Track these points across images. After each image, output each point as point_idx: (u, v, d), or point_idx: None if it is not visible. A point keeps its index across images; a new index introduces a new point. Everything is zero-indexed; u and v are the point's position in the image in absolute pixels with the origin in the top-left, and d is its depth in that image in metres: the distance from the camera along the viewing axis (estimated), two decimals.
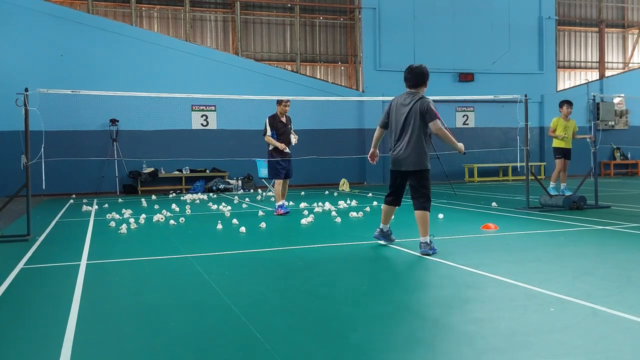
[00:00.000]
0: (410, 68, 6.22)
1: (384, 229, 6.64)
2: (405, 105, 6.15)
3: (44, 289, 4.93)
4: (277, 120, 10.25)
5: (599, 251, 6.16)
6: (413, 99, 6.12)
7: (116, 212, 10.32)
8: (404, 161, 6.13)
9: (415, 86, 6.18)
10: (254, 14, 19.66)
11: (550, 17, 21.52)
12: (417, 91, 6.19)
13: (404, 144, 6.11)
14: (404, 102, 6.18)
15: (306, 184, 17.98)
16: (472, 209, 10.55)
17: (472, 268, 5.28)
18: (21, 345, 3.45)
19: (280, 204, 10.11)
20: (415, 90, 6.19)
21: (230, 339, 3.46)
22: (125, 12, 18.25)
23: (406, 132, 6.10)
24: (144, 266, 5.81)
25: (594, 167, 10.63)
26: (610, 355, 3.06)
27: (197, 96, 11.97)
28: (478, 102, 20.33)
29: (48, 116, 10.40)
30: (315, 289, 4.71)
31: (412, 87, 6.19)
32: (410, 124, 6.07)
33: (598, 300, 4.08)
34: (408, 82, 6.20)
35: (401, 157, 6.14)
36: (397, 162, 6.20)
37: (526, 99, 10.52)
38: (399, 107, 6.21)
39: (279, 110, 10.30)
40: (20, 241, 7.48)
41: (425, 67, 6.22)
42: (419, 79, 6.16)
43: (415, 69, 6.18)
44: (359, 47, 19.94)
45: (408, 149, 6.09)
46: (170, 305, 4.26)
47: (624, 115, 22.55)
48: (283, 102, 10.29)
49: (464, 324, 3.66)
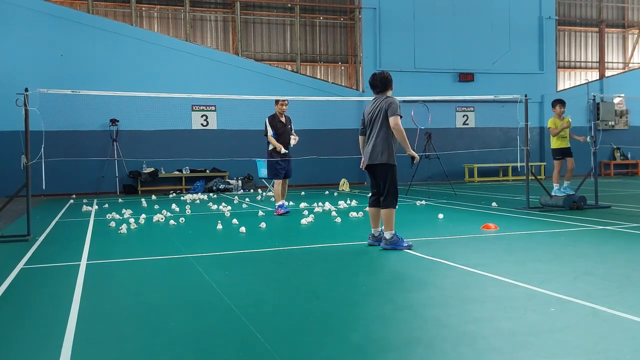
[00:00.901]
0: (374, 76, 6.64)
1: (375, 233, 6.67)
2: (373, 107, 6.55)
3: (44, 289, 4.93)
4: (276, 120, 10.26)
5: (599, 251, 6.15)
6: (380, 100, 6.53)
7: (116, 212, 10.32)
8: (370, 155, 6.46)
9: (383, 90, 6.60)
10: (254, 14, 19.66)
11: (551, 17, 21.52)
12: (384, 94, 6.59)
13: (372, 140, 6.47)
14: (373, 104, 6.58)
15: (306, 184, 17.98)
16: (472, 209, 10.55)
17: (472, 268, 5.28)
18: (21, 345, 3.45)
19: (280, 204, 10.11)
20: (382, 94, 6.59)
21: (230, 339, 3.46)
22: (125, 12, 18.25)
23: (374, 129, 6.47)
24: (144, 266, 5.81)
25: (594, 167, 10.62)
26: (610, 355, 3.06)
27: (197, 96, 11.97)
28: (478, 102, 20.32)
29: (48, 116, 10.40)
30: (315, 289, 4.71)
31: (380, 92, 6.60)
32: (377, 121, 6.44)
33: (598, 300, 4.08)
34: (376, 88, 6.61)
35: (368, 152, 6.49)
36: (366, 157, 6.55)
37: (526, 99, 10.52)
38: (369, 111, 6.60)
39: (277, 110, 10.33)
40: (20, 241, 7.48)
41: (387, 72, 6.68)
42: (385, 84, 6.58)
43: (379, 75, 6.62)
44: (359, 47, 19.94)
45: (373, 144, 6.43)
46: (170, 305, 4.26)
47: (624, 115, 22.55)
48: (280, 102, 10.34)
49: (464, 324, 3.65)
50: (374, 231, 6.65)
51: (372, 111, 6.52)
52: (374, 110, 6.51)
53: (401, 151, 6.50)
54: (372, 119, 6.49)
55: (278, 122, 10.25)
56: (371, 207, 6.67)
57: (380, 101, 6.50)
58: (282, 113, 10.34)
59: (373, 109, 6.53)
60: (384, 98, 6.50)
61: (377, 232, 6.63)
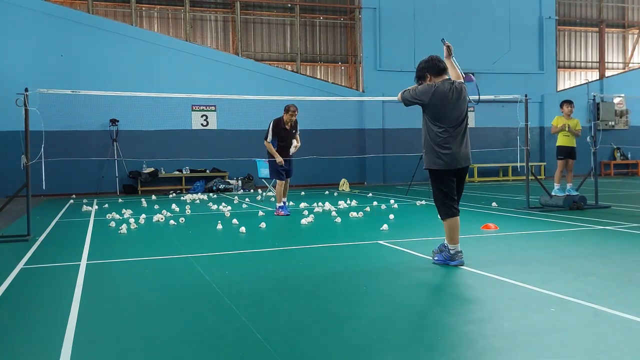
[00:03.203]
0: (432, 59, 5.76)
1: (459, 249, 5.44)
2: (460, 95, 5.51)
3: (44, 289, 4.93)
4: (280, 127, 9.98)
5: (600, 251, 6.15)
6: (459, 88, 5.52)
7: (116, 212, 10.32)
8: (467, 156, 5.53)
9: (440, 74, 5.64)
10: (254, 14, 19.65)
11: (551, 17, 21.51)
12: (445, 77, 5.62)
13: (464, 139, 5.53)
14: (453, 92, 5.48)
15: (306, 184, 17.97)
16: (473, 209, 10.54)
17: (472, 268, 5.28)
18: (21, 346, 3.45)
19: (281, 205, 10.09)
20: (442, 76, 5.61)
21: (230, 339, 3.46)
22: (125, 12, 18.25)
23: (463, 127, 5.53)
24: (144, 266, 5.81)
25: (594, 167, 10.62)
26: (610, 355, 3.05)
27: (197, 96, 11.96)
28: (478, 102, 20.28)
29: (48, 116, 10.40)
30: (315, 289, 4.71)
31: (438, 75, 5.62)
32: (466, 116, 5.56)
33: (599, 300, 4.08)
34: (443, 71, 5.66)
35: (465, 153, 5.50)
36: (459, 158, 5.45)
37: (526, 99, 10.52)
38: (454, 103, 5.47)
39: (285, 117, 9.97)
40: (20, 241, 7.48)
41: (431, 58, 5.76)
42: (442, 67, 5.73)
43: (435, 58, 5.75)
44: (359, 47, 19.93)
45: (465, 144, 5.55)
46: (170, 305, 4.26)
47: (624, 115, 22.54)
48: (290, 111, 9.86)
49: (464, 324, 3.65)
50: (457, 247, 5.42)
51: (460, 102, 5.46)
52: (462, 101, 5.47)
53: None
54: (464, 113, 5.50)
55: (282, 129, 9.98)
56: (457, 215, 5.50)
57: (460, 89, 5.46)
58: (289, 122, 9.96)
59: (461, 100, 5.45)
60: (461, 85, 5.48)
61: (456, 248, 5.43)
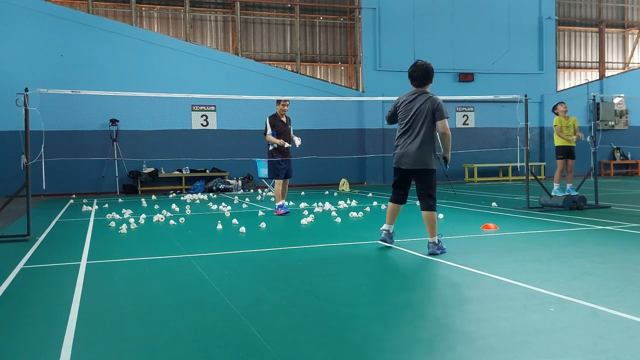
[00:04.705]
0: (415, 66, 6.09)
1: (390, 229, 6.41)
2: (417, 104, 6.02)
3: (44, 289, 4.93)
4: (277, 119, 10.31)
5: (599, 251, 6.15)
6: (424, 97, 6.03)
7: (116, 212, 10.32)
8: (413, 159, 6.02)
9: (423, 85, 6.09)
10: (254, 14, 19.66)
11: (550, 17, 21.52)
12: (424, 89, 6.10)
13: (415, 142, 6.00)
14: (415, 100, 6.05)
15: (306, 184, 17.98)
16: (472, 209, 10.55)
17: (472, 268, 5.28)
18: (21, 345, 3.45)
19: (280, 204, 10.11)
20: (422, 88, 6.10)
21: (230, 339, 3.46)
22: (125, 12, 18.25)
23: (417, 130, 5.99)
24: (144, 266, 5.81)
25: (594, 167, 10.62)
26: (609, 355, 3.06)
27: (197, 96, 11.97)
28: (478, 102, 20.33)
29: (48, 116, 10.39)
30: (315, 289, 4.71)
31: (419, 85, 6.09)
32: (422, 122, 5.97)
33: (598, 300, 4.09)
34: (415, 80, 6.08)
35: (410, 155, 6.03)
36: (405, 159, 6.09)
37: (526, 99, 10.52)
38: (410, 106, 6.06)
39: (278, 110, 10.38)
40: (20, 241, 7.48)
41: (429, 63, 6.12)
42: (426, 77, 6.06)
43: (421, 65, 6.07)
44: (359, 47, 19.93)
45: (417, 147, 5.99)
46: (170, 305, 4.26)
47: (624, 115, 22.55)
48: (282, 102, 10.38)
49: (463, 324, 3.66)
50: (390, 227, 6.37)
51: (415, 109, 6.00)
52: (416, 108, 5.99)
53: None
54: (415, 117, 5.99)
55: (279, 121, 10.30)
56: (396, 202, 6.30)
57: (424, 99, 5.98)
58: (283, 113, 10.39)
59: (415, 107, 6.00)
60: (428, 97, 6.00)
61: (392, 228, 6.39)
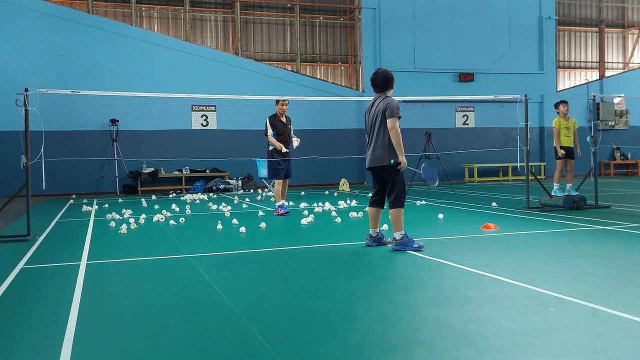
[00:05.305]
0: (376, 73, 6.57)
1: (373, 234, 6.61)
2: (373, 108, 6.50)
3: (44, 289, 4.93)
4: (277, 120, 10.32)
5: (599, 251, 6.15)
6: (379, 100, 6.48)
7: (116, 212, 10.32)
8: (372, 158, 6.41)
9: (383, 90, 6.53)
10: (254, 14, 19.66)
11: (550, 17, 21.52)
12: (384, 94, 6.53)
13: (373, 142, 6.45)
14: (373, 105, 6.53)
15: (306, 184, 17.98)
16: (472, 209, 10.55)
17: (472, 268, 5.28)
18: (21, 345, 3.45)
19: (280, 204, 10.11)
20: (382, 93, 6.54)
21: (230, 339, 3.46)
22: (125, 12, 18.25)
23: (375, 131, 6.43)
24: (144, 266, 5.81)
25: (594, 167, 10.62)
26: (609, 355, 3.06)
27: (197, 96, 11.97)
28: (478, 102, 20.33)
29: (48, 116, 10.39)
30: (315, 289, 4.71)
31: (380, 91, 6.54)
32: (377, 123, 6.39)
33: (598, 300, 4.09)
34: (377, 87, 6.54)
35: (370, 154, 6.46)
36: (368, 159, 6.52)
37: (526, 99, 10.52)
38: (369, 112, 6.58)
39: (277, 109, 10.39)
40: (20, 241, 7.48)
41: (389, 71, 6.61)
42: (386, 83, 6.52)
43: (381, 73, 6.56)
44: (359, 47, 19.94)
45: (373, 147, 6.41)
46: (171, 305, 4.26)
47: (624, 115, 22.55)
48: (280, 102, 10.40)
49: (463, 324, 3.66)
50: (372, 232, 6.58)
51: (372, 112, 6.47)
52: (373, 111, 6.46)
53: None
54: (373, 121, 6.43)
55: (278, 121, 10.30)
56: (372, 206, 6.58)
57: (379, 102, 6.44)
58: (283, 113, 10.40)
59: (373, 110, 6.47)
60: (383, 98, 6.44)
61: (375, 232, 6.58)
